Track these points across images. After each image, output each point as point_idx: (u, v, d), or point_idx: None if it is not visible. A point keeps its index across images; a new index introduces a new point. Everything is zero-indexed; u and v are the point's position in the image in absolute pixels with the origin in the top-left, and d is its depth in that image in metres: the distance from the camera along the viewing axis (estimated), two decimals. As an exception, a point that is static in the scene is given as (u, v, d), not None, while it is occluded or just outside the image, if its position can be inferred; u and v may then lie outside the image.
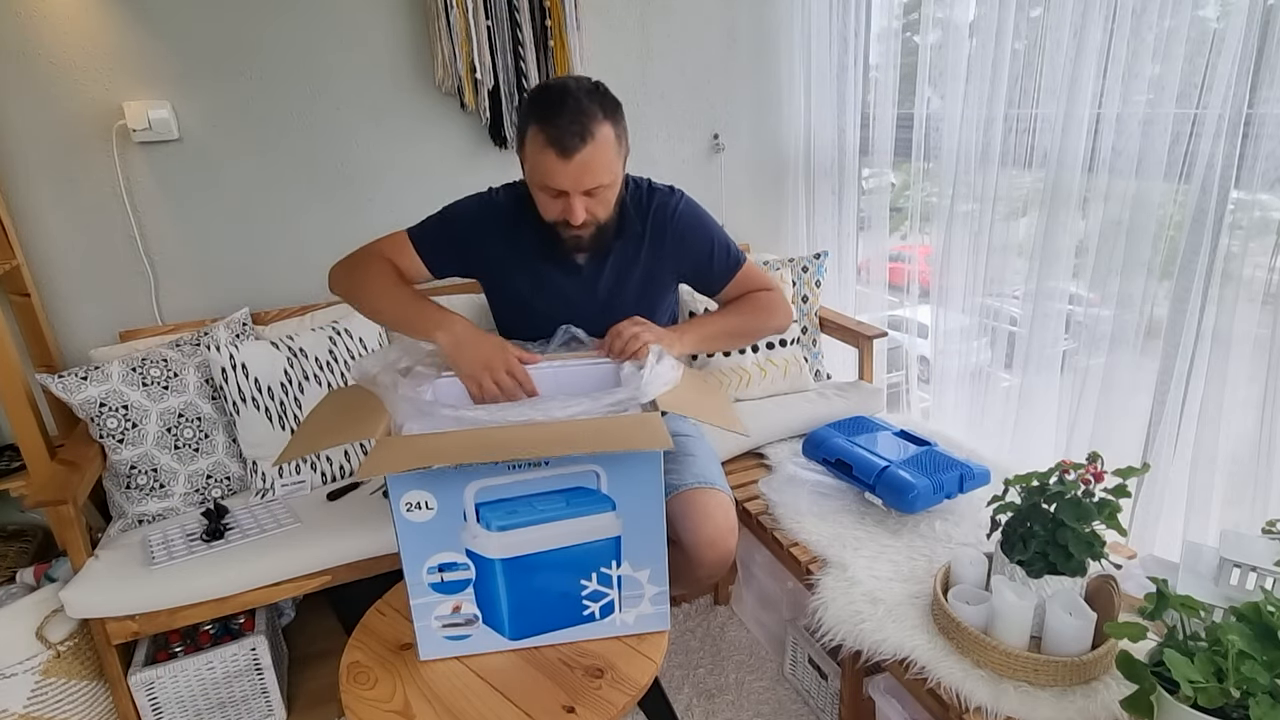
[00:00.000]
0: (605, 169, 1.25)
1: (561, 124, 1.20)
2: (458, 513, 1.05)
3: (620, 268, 1.44)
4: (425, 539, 1.06)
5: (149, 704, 1.57)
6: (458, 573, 1.09)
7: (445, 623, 1.12)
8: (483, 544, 1.08)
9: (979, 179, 1.89)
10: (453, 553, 1.08)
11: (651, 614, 1.18)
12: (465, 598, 1.11)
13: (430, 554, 1.07)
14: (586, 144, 1.21)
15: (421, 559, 1.07)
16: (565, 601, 1.14)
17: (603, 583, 1.14)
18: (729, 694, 1.74)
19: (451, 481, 1.04)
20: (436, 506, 1.04)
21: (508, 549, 1.08)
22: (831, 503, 1.66)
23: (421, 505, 1.04)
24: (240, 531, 1.60)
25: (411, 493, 1.03)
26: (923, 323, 2.22)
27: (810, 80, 2.42)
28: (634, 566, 1.14)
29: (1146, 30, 1.48)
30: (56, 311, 1.88)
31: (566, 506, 1.08)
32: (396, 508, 1.03)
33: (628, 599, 1.16)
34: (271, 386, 1.76)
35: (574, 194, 1.25)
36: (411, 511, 1.04)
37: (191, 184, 1.92)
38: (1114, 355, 1.64)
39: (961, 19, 1.88)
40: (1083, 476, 1.19)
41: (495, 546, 1.08)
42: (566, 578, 1.12)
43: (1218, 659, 0.90)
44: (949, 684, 1.15)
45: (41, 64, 1.74)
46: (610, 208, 1.33)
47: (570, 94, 1.22)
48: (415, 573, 1.08)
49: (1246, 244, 1.40)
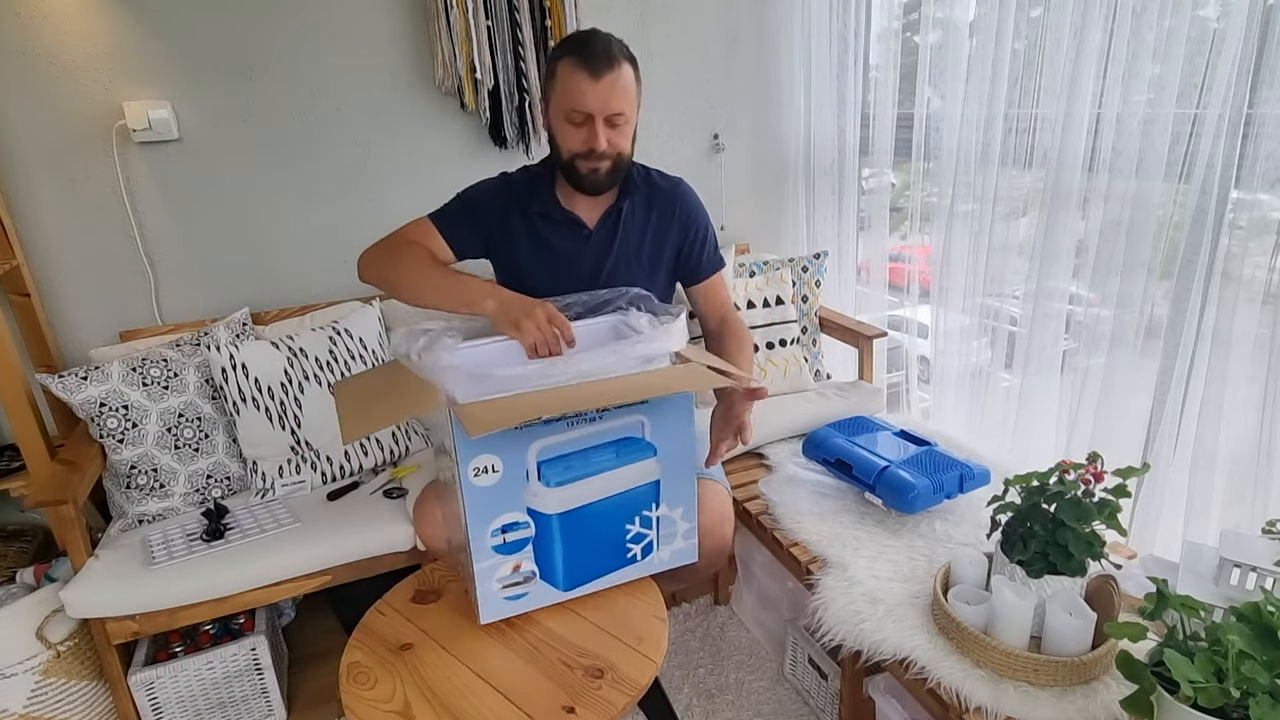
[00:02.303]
0: (627, 97, 1.37)
1: (592, 52, 1.34)
2: (520, 473, 1.11)
3: (626, 233, 1.53)
4: (491, 502, 1.11)
5: (149, 704, 1.57)
6: (519, 532, 1.15)
7: (506, 583, 1.17)
8: (542, 501, 1.14)
9: (979, 179, 1.89)
10: (515, 513, 1.13)
11: (683, 548, 1.29)
12: (525, 556, 1.17)
13: (495, 516, 1.12)
14: (614, 69, 1.34)
15: (486, 522, 1.12)
16: (611, 546, 1.23)
17: (644, 525, 1.24)
18: (729, 694, 1.74)
19: (517, 443, 1.10)
20: (502, 470, 1.10)
21: (565, 503, 1.16)
22: (831, 503, 1.66)
23: (489, 469, 1.09)
24: (240, 531, 1.60)
25: (480, 457, 1.08)
26: (923, 323, 2.22)
27: (810, 80, 2.42)
28: (670, 506, 1.25)
29: (1146, 30, 1.48)
30: (56, 311, 1.88)
31: (616, 457, 1.17)
32: (464, 475, 1.08)
33: (664, 537, 1.27)
34: (271, 386, 1.76)
35: (598, 118, 1.36)
36: (479, 476, 1.09)
37: (191, 184, 1.92)
38: (1114, 355, 1.64)
39: (961, 19, 1.88)
40: (1083, 476, 1.19)
41: (554, 502, 1.15)
42: (614, 524, 1.21)
43: (1218, 659, 0.90)
44: (949, 684, 1.15)
45: (41, 64, 1.74)
46: (628, 143, 1.44)
47: (599, 33, 1.38)
48: (480, 537, 1.12)
49: (1246, 244, 1.40)
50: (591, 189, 1.47)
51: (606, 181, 1.46)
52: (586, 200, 1.52)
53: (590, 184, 1.45)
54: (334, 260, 2.10)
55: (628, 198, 1.53)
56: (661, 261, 1.57)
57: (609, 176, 1.44)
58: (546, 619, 1.21)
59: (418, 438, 1.95)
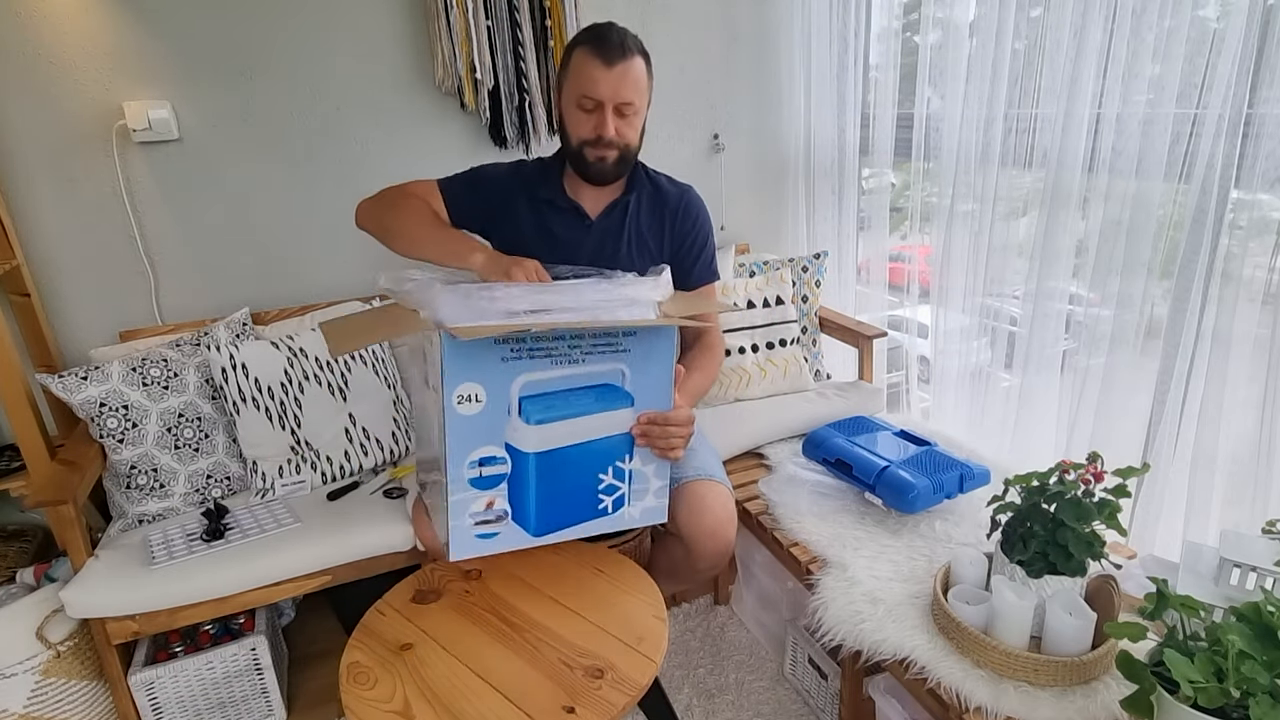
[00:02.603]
0: (638, 88, 1.41)
1: (607, 41, 1.38)
2: (503, 407, 1.14)
3: (627, 227, 1.55)
4: (471, 432, 1.13)
5: (149, 704, 1.57)
6: (495, 467, 1.17)
7: (478, 520, 1.18)
8: (521, 437, 1.16)
9: (979, 179, 1.89)
10: (494, 446, 1.15)
11: (654, 507, 1.31)
12: (499, 493, 1.18)
13: (474, 448, 1.14)
14: (627, 59, 1.38)
15: (465, 453, 1.14)
16: (584, 495, 1.25)
17: (617, 477, 1.26)
18: (729, 694, 1.74)
19: (501, 374, 1.12)
20: (485, 400, 1.12)
21: (543, 442, 1.18)
22: (831, 503, 1.66)
23: (472, 398, 1.11)
24: (240, 531, 1.60)
25: (465, 385, 1.10)
26: (923, 323, 2.22)
27: (810, 80, 2.42)
28: (643, 461, 1.27)
29: (1146, 30, 1.48)
30: (56, 311, 1.88)
31: (595, 401, 1.20)
32: (448, 402, 1.10)
33: (635, 492, 1.28)
34: (271, 386, 1.76)
35: (608, 105, 1.39)
36: (462, 404, 1.11)
37: (191, 184, 1.92)
38: (1114, 355, 1.64)
39: (961, 19, 1.88)
40: (1083, 476, 1.19)
41: (533, 440, 1.17)
42: (587, 471, 1.23)
43: (1218, 659, 0.90)
44: (949, 684, 1.15)
45: (41, 64, 1.74)
46: (635, 135, 1.47)
47: (615, 26, 1.43)
48: (458, 467, 1.14)
49: (1246, 244, 1.40)
50: (598, 178, 1.49)
51: (613, 171, 1.48)
52: (592, 191, 1.54)
53: (597, 173, 1.47)
54: (334, 260, 2.10)
55: (634, 193, 1.55)
56: (658, 261, 1.57)
57: (615, 167, 1.47)
58: (547, 619, 1.21)
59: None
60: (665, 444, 1.25)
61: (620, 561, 1.36)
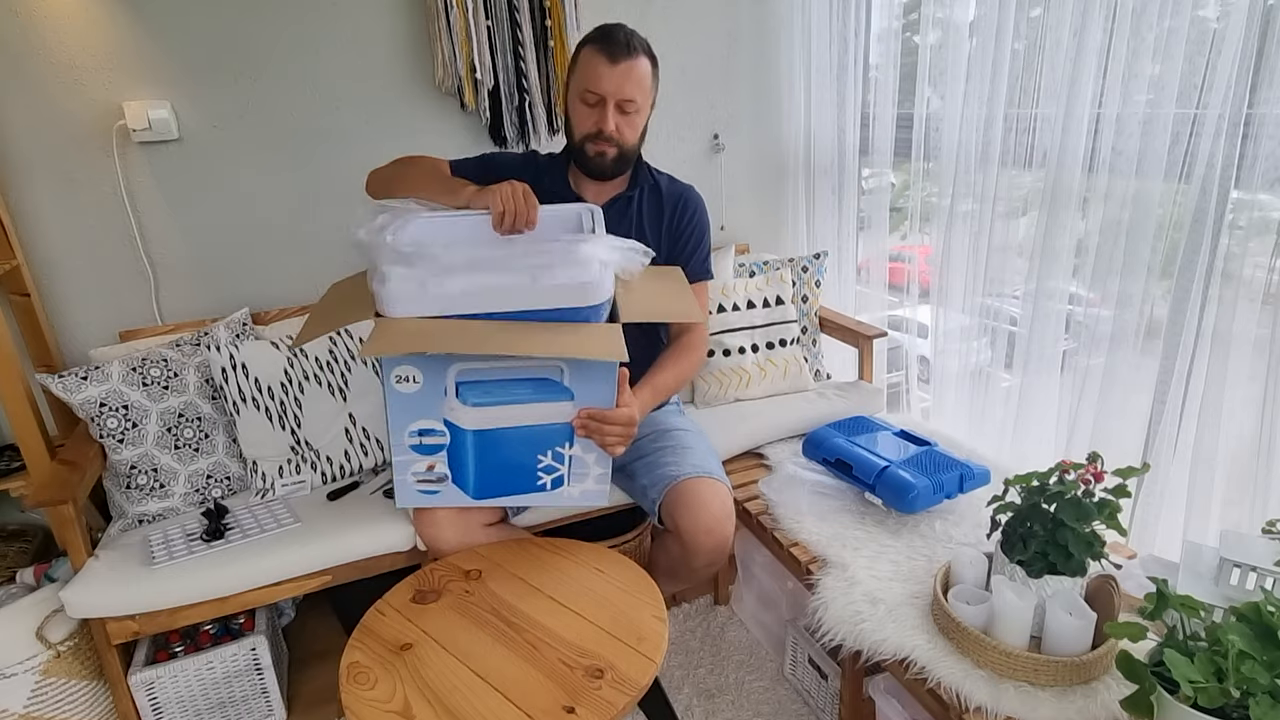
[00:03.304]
0: (641, 86, 1.45)
1: (613, 40, 1.43)
2: (440, 388, 1.23)
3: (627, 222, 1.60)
4: (410, 407, 1.24)
5: (149, 704, 1.57)
6: (434, 438, 1.27)
7: (420, 478, 1.31)
8: (458, 416, 1.26)
9: (979, 179, 1.89)
10: (432, 420, 1.26)
11: (594, 490, 1.37)
12: (439, 459, 1.29)
13: (412, 420, 1.25)
14: (631, 57, 1.43)
15: (404, 424, 1.25)
16: (522, 471, 1.33)
17: (556, 459, 1.33)
18: (729, 694, 1.74)
19: (437, 363, 1.21)
20: (422, 381, 1.22)
21: (479, 422, 1.26)
22: (831, 503, 1.66)
23: (410, 379, 1.21)
24: (240, 531, 1.60)
25: (402, 367, 1.20)
26: (923, 323, 2.22)
27: (810, 80, 2.42)
28: (584, 450, 1.33)
29: (1146, 30, 1.48)
30: (56, 311, 1.88)
31: (533, 393, 1.26)
32: (387, 379, 1.20)
33: (575, 475, 1.35)
34: (271, 386, 1.76)
35: (610, 101, 1.43)
36: (400, 383, 1.21)
37: (191, 184, 1.92)
38: (1114, 355, 1.64)
39: (961, 19, 1.88)
40: (1083, 476, 1.19)
41: (469, 419, 1.26)
42: (525, 451, 1.31)
43: (1218, 659, 0.90)
44: (949, 684, 1.15)
45: (41, 64, 1.74)
46: (636, 134, 1.52)
47: (622, 28, 1.47)
48: (399, 435, 1.26)
49: (1246, 244, 1.40)
50: (598, 173, 1.53)
51: (612, 167, 1.52)
52: (595, 186, 1.58)
53: (596, 167, 1.52)
54: (334, 260, 2.10)
55: (637, 189, 1.60)
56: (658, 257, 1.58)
57: (614, 164, 1.51)
58: (547, 619, 1.21)
59: (418, 438, 1.95)
60: (601, 440, 1.30)
61: (620, 561, 1.37)
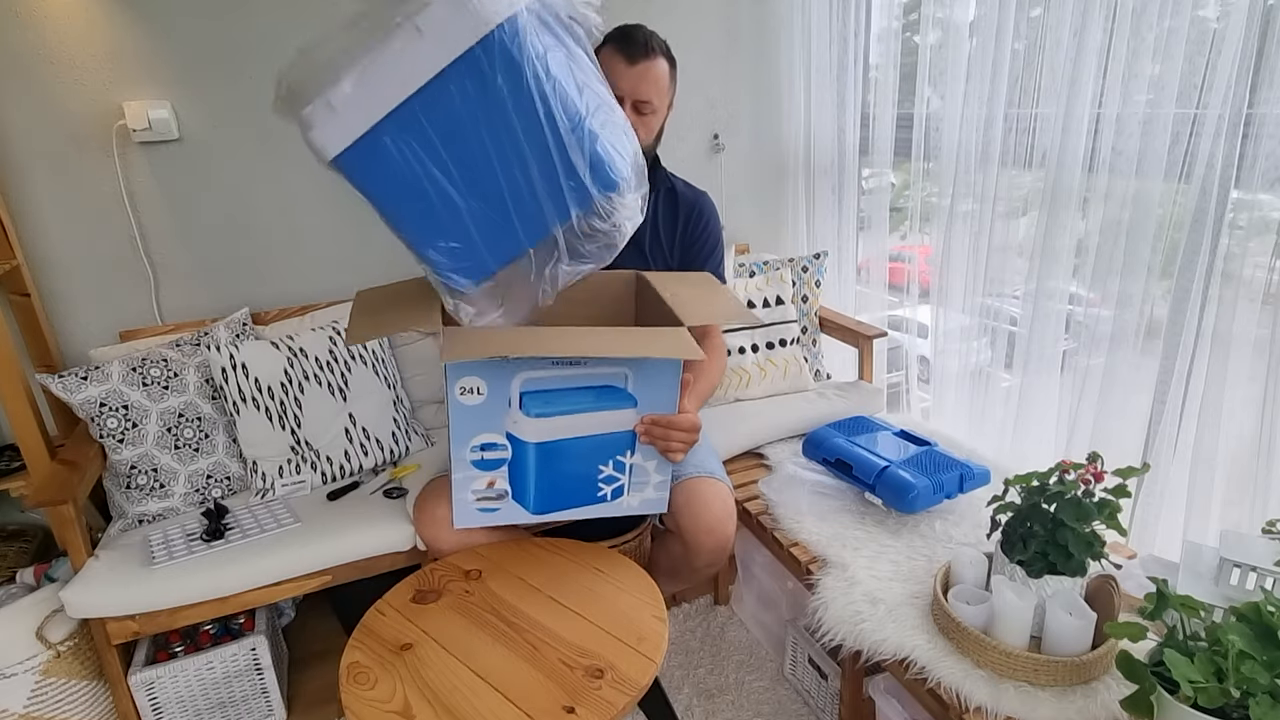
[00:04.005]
0: (657, 87, 1.44)
1: (631, 40, 1.43)
2: (504, 399, 1.20)
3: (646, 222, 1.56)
4: (473, 421, 1.20)
5: (149, 704, 1.57)
6: (496, 452, 1.24)
7: (479, 496, 1.27)
8: (522, 428, 1.23)
9: (979, 179, 1.89)
10: (495, 434, 1.22)
11: (654, 499, 1.35)
12: (499, 475, 1.26)
13: (476, 434, 1.21)
14: (649, 58, 1.42)
15: (467, 438, 1.21)
16: (583, 483, 1.30)
17: (617, 469, 1.30)
18: (729, 694, 1.74)
19: (502, 372, 1.18)
20: (486, 393, 1.18)
21: (542, 434, 1.23)
22: (831, 503, 1.66)
23: (474, 391, 1.18)
24: (240, 531, 1.60)
25: (467, 378, 1.17)
26: (923, 323, 2.22)
27: (810, 80, 2.42)
28: (645, 457, 1.31)
29: (1146, 30, 1.48)
30: (56, 311, 1.88)
31: (595, 401, 1.23)
32: (451, 392, 1.17)
33: (635, 484, 1.33)
34: (271, 386, 1.76)
35: (627, 102, 1.43)
36: (464, 395, 1.18)
37: (192, 184, 1.92)
38: (1114, 355, 1.64)
39: (961, 19, 1.88)
40: (1083, 476, 1.19)
41: (532, 431, 1.23)
42: (587, 462, 1.28)
43: (1218, 659, 0.90)
44: (949, 684, 1.15)
45: (41, 64, 1.74)
46: (652, 135, 1.51)
47: (641, 28, 1.46)
48: (460, 450, 1.22)
49: (1246, 244, 1.40)
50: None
51: None
52: None
53: None
54: (334, 260, 2.10)
55: (654, 192, 1.59)
56: (670, 260, 1.63)
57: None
58: (547, 619, 1.21)
59: (418, 438, 1.95)
60: (665, 446, 1.28)
61: (620, 561, 1.37)
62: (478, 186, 1.15)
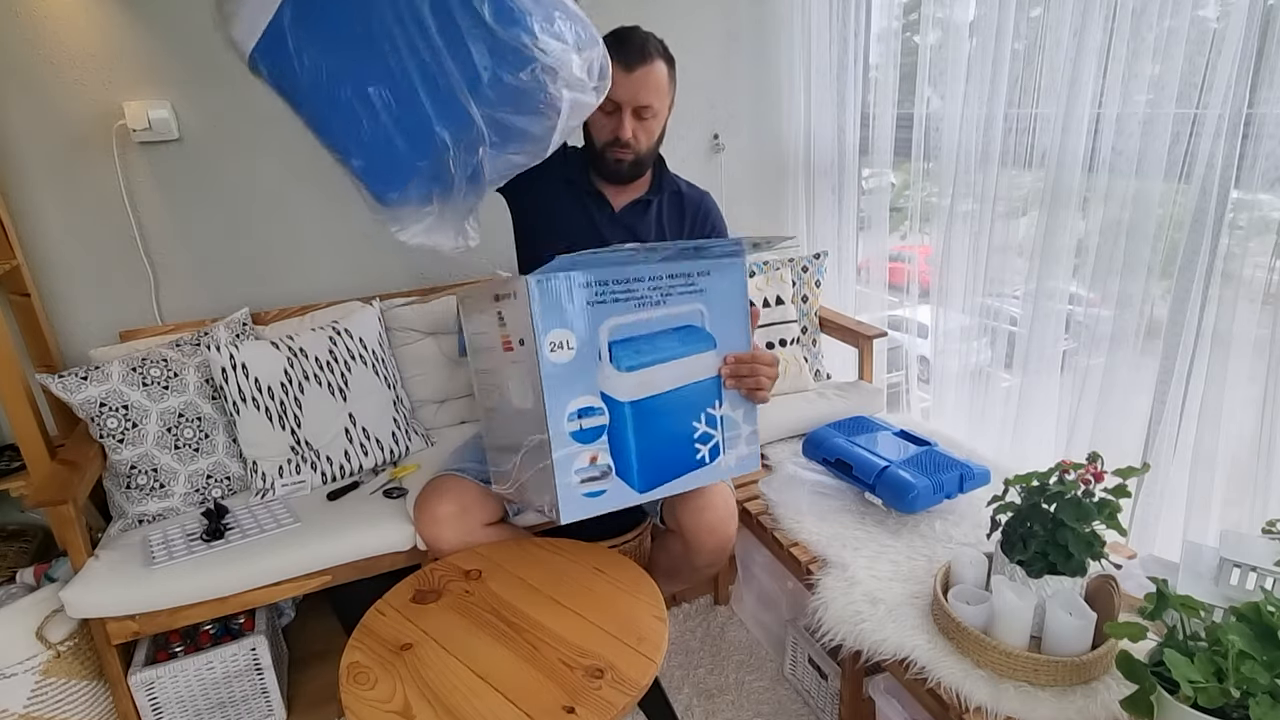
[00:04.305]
0: (657, 92, 1.43)
1: (628, 46, 1.40)
2: (593, 354, 1.13)
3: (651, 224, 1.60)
4: (566, 382, 1.11)
5: (149, 704, 1.57)
6: (594, 418, 1.15)
7: (584, 476, 1.16)
8: (614, 385, 1.15)
9: (979, 179, 1.89)
10: (590, 396, 1.13)
11: (747, 455, 1.31)
12: (600, 447, 1.16)
13: (571, 398, 1.12)
14: (646, 63, 1.40)
15: (564, 404, 1.12)
16: (680, 445, 1.23)
17: (709, 424, 1.25)
18: (729, 694, 1.74)
19: (589, 319, 1.12)
20: (576, 346, 1.11)
21: (635, 390, 1.17)
22: (831, 503, 1.66)
23: (563, 345, 1.10)
24: (240, 531, 1.60)
25: (555, 332, 1.10)
26: (923, 323, 2.22)
27: (810, 80, 2.42)
28: (732, 406, 1.26)
29: (1146, 30, 1.48)
30: (56, 311, 1.88)
31: (680, 345, 1.19)
32: (541, 351, 1.09)
33: (729, 440, 1.28)
34: (271, 386, 1.76)
35: (627, 109, 1.42)
36: (555, 352, 1.10)
37: (191, 184, 1.92)
38: (1114, 355, 1.64)
39: (961, 19, 1.88)
40: (1082, 476, 1.19)
41: (625, 388, 1.16)
42: (681, 419, 1.22)
43: (1218, 659, 0.90)
44: (949, 684, 1.15)
45: (41, 64, 1.74)
46: (653, 140, 1.50)
47: (638, 30, 1.44)
48: (559, 421, 1.12)
49: (1246, 244, 1.41)
50: (615, 178, 1.54)
51: (630, 173, 1.52)
52: (615, 188, 1.59)
53: (614, 173, 1.52)
54: (334, 260, 2.10)
55: (658, 194, 1.60)
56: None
57: (632, 168, 1.51)
58: (547, 619, 1.21)
59: (418, 438, 1.95)
60: (755, 383, 1.25)
61: (620, 561, 1.37)
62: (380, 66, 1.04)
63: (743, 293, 1.24)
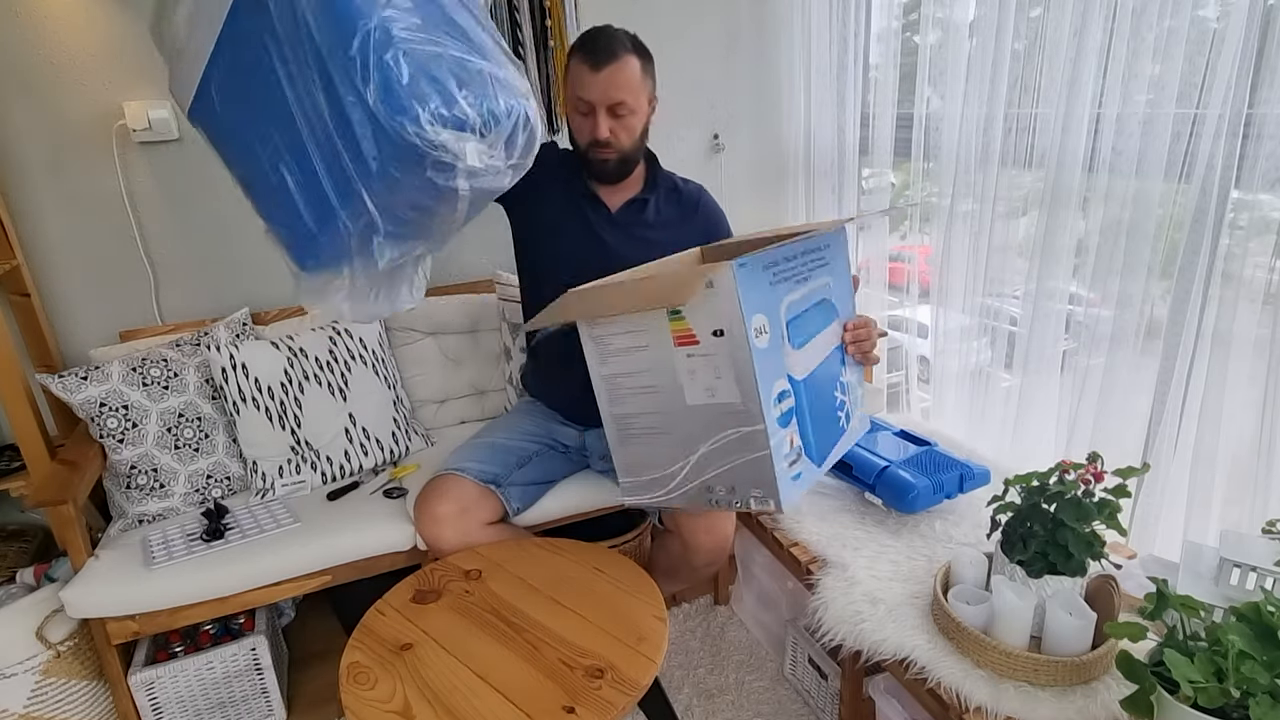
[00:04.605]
0: (629, 87, 1.43)
1: (595, 45, 1.42)
2: (779, 335, 1.12)
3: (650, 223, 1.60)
4: (770, 366, 1.09)
5: (149, 704, 1.57)
6: (788, 401, 1.12)
7: (790, 461, 1.13)
8: (792, 363, 1.14)
9: (979, 179, 1.89)
10: (782, 379, 1.12)
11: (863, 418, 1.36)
12: (793, 430, 1.14)
13: (773, 382, 1.10)
14: (614, 60, 1.40)
15: (770, 390, 1.09)
16: (831, 416, 1.25)
17: (842, 391, 1.28)
18: (729, 694, 1.74)
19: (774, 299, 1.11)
20: (770, 330, 1.09)
21: (804, 367, 1.17)
22: (831, 502, 1.66)
23: (763, 330, 1.08)
24: (240, 531, 1.60)
25: (757, 316, 1.07)
26: (923, 323, 2.22)
27: (810, 80, 2.42)
28: (850, 372, 1.31)
29: (1146, 30, 1.47)
30: (56, 311, 1.88)
31: (823, 318, 1.22)
32: (750, 338, 1.05)
33: (854, 403, 1.32)
34: (271, 386, 1.76)
35: (600, 108, 1.42)
36: (759, 336, 1.07)
37: (191, 184, 1.92)
38: (1114, 355, 1.64)
39: (961, 19, 1.87)
40: (1083, 476, 1.19)
41: (800, 366, 1.15)
42: (828, 391, 1.24)
43: (1218, 659, 0.90)
44: (949, 684, 1.15)
45: (41, 64, 1.74)
46: (633, 136, 1.49)
47: (606, 30, 1.45)
48: (770, 408, 1.08)
49: (1246, 244, 1.40)
50: (604, 178, 1.54)
51: (616, 171, 1.52)
52: (608, 188, 1.59)
53: (600, 173, 1.52)
54: (334, 260, 2.10)
55: (653, 192, 1.60)
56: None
57: (618, 166, 1.51)
58: (547, 619, 1.21)
59: (418, 438, 1.95)
60: (870, 347, 1.30)
61: (620, 561, 1.37)
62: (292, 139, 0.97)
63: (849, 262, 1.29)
